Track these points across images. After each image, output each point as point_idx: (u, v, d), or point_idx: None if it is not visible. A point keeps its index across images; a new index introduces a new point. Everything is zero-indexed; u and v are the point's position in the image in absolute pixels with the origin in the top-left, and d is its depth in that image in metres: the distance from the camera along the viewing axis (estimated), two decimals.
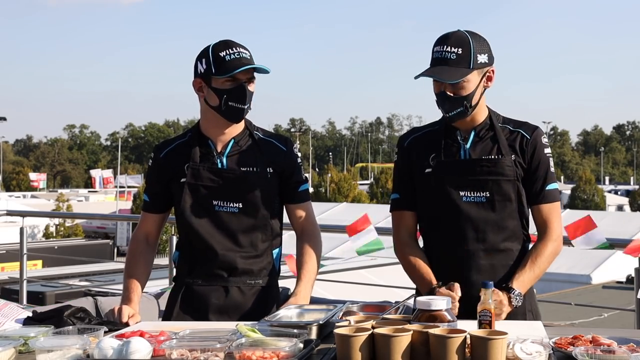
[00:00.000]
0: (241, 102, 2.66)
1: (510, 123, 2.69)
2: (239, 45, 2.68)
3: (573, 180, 70.08)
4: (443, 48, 2.55)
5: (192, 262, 2.76)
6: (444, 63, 2.53)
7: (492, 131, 2.65)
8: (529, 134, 2.65)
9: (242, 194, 2.71)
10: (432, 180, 2.64)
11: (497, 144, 2.62)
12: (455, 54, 2.52)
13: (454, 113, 2.57)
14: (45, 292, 10.39)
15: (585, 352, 1.90)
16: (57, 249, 19.28)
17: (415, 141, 2.75)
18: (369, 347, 1.93)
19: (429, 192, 2.66)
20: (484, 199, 2.60)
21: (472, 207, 2.61)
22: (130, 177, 53.09)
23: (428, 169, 2.66)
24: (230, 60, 2.62)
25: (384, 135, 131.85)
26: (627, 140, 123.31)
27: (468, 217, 2.60)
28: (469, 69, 2.53)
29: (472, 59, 2.54)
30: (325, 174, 59.03)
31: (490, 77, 2.62)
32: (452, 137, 2.67)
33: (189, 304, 2.74)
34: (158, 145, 2.88)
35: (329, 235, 4.24)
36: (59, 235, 37.62)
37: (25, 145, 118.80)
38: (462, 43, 2.54)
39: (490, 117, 2.68)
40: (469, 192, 2.61)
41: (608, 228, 21.59)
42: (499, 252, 2.63)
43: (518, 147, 2.63)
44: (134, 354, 1.97)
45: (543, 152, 2.65)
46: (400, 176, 2.77)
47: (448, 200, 2.62)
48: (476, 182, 2.60)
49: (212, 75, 2.65)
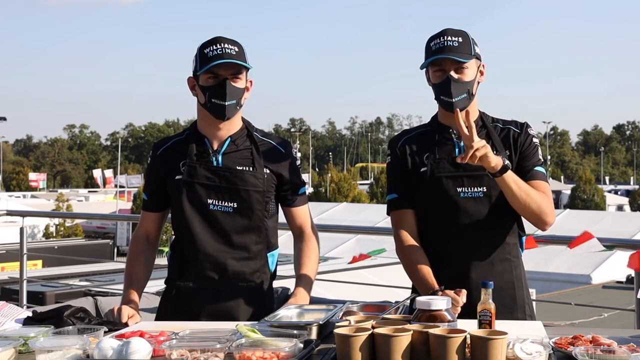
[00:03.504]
0: (221, 99, 2.63)
1: (499, 122, 2.75)
2: (227, 41, 2.64)
3: (573, 180, 70.04)
4: (443, 38, 2.61)
5: (183, 263, 2.74)
6: (447, 50, 2.58)
7: (485, 129, 2.69)
8: (518, 129, 2.71)
9: (237, 193, 2.69)
10: (428, 178, 2.66)
11: (491, 141, 2.65)
12: (457, 42, 2.60)
13: (459, 98, 2.60)
14: (45, 292, 10.39)
15: (585, 352, 1.90)
16: (57, 249, 19.28)
17: (407, 142, 2.78)
18: (369, 347, 1.93)
19: (425, 190, 2.68)
20: (481, 194, 2.63)
21: (469, 202, 2.63)
22: (130, 177, 53.08)
23: (423, 167, 2.68)
24: (212, 56, 2.60)
25: (384, 135, 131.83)
26: (627, 140, 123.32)
27: (466, 212, 2.62)
28: (471, 55, 2.62)
29: (472, 47, 2.63)
30: (325, 174, 59.02)
31: (482, 72, 2.70)
32: (446, 136, 2.70)
33: (180, 306, 2.72)
34: (156, 143, 2.87)
35: (329, 235, 4.24)
36: (59, 235, 37.66)
37: (25, 145, 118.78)
38: (460, 34, 2.64)
39: (480, 117, 2.72)
40: (466, 187, 2.63)
41: (608, 228, 21.64)
42: (497, 246, 2.65)
43: (512, 141, 2.68)
44: (133, 354, 1.97)
45: (532, 141, 2.70)
46: (397, 176, 2.78)
47: (445, 196, 2.64)
48: (473, 178, 2.63)
49: (198, 73, 2.65)
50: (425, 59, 2.64)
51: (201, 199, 2.69)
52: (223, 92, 2.62)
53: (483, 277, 2.55)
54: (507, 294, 2.64)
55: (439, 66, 2.61)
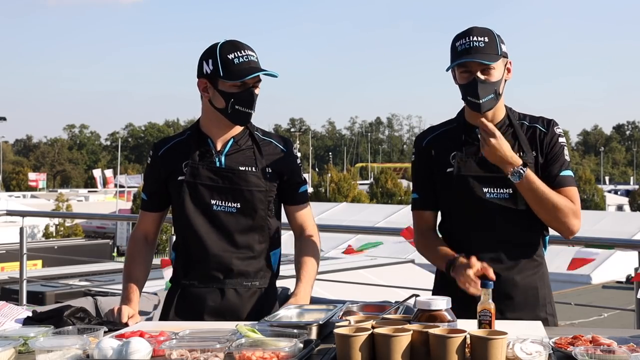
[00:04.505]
0: (248, 107, 2.65)
1: (526, 119, 2.71)
2: (246, 47, 2.65)
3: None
4: (469, 39, 2.56)
5: (188, 263, 2.74)
6: (474, 51, 2.55)
7: (512, 128, 2.67)
8: (544, 127, 2.68)
9: (240, 194, 2.69)
10: (454, 179, 2.64)
11: (518, 141, 2.64)
12: (483, 42, 2.55)
13: (486, 99, 2.57)
14: (45, 292, 10.39)
15: (585, 352, 1.90)
16: (57, 248, 19.25)
17: (433, 140, 2.75)
18: (369, 347, 1.93)
19: (451, 190, 2.66)
20: (507, 195, 2.61)
21: (495, 203, 2.61)
22: (130, 177, 53.10)
23: (449, 168, 2.66)
24: (240, 63, 2.60)
25: (383, 135, 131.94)
26: (627, 140, 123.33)
27: (492, 213, 2.61)
28: (498, 55, 2.57)
29: (498, 47, 2.59)
30: (325, 174, 59.06)
31: (509, 69, 2.66)
32: (472, 135, 2.66)
33: (185, 306, 2.73)
34: (156, 144, 2.86)
35: (329, 235, 4.24)
36: (58, 235, 37.67)
37: (25, 145, 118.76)
38: (486, 33, 2.59)
39: (508, 114, 2.69)
40: (493, 188, 2.62)
41: (608, 228, 21.64)
42: (523, 245, 2.65)
43: (538, 142, 2.65)
44: (133, 354, 1.97)
45: (558, 141, 2.68)
46: (419, 176, 2.78)
47: (472, 197, 2.62)
48: (499, 179, 2.60)
49: (219, 78, 2.63)
50: (451, 59, 2.60)
51: (204, 199, 2.69)
52: (250, 101, 2.65)
53: (508, 276, 2.60)
54: (531, 293, 2.64)
55: (465, 67, 2.57)
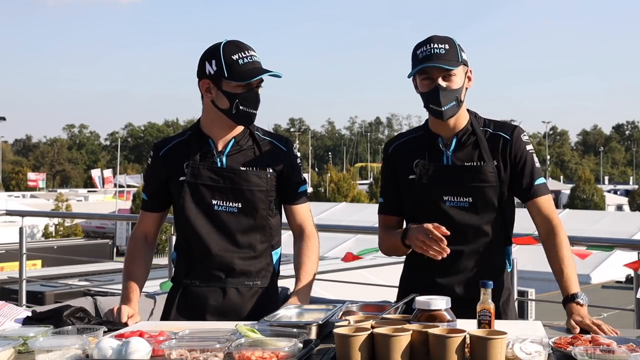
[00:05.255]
0: (253, 107, 2.66)
1: (490, 125, 2.72)
2: (249, 48, 2.65)
3: (572, 180, 70.06)
4: (430, 46, 2.59)
5: (189, 263, 2.75)
6: (435, 58, 2.56)
7: (474, 136, 2.68)
8: (508, 135, 2.67)
9: (242, 194, 2.70)
10: (416, 186, 2.67)
11: (479, 150, 2.65)
12: (443, 49, 2.58)
13: (448, 106, 2.58)
14: (45, 292, 10.40)
15: (584, 352, 1.91)
16: (57, 248, 19.27)
17: (399, 147, 2.78)
18: (368, 347, 1.93)
19: (413, 198, 2.70)
20: (467, 204, 2.63)
21: (455, 211, 2.63)
22: (129, 177, 53.09)
23: (412, 175, 2.69)
24: (244, 64, 2.60)
25: (383, 135, 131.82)
26: (627, 140, 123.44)
27: (451, 221, 2.60)
28: (458, 62, 2.60)
29: (459, 54, 2.61)
30: (325, 173, 59.09)
31: (470, 77, 2.68)
32: (435, 144, 2.69)
33: (187, 305, 2.73)
34: (156, 144, 2.86)
35: (329, 235, 4.24)
36: (58, 235, 37.67)
37: (24, 145, 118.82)
38: (446, 40, 2.61)
39: (471, 121, 2.70)
40: (452, 197, 2.64)
41: (607, 228, 21.65)
42: (480, 255, 2.65)
43: (500, 150, 2.65)
44: (133, 354, 1.97)
45: (525, 149, 2.67)
46: (385, 182, 2.83)
47: (432, 204, 2.65)
48: (459, 188, 2.64)
49: (223, 79, 2.62)
50: (412, 67, 2.62)
51: (205, 200, 2.70)
52: (255, 101, 2.66)
53: (466, 285, 2.61)
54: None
55: (426, 74, 2.59)
